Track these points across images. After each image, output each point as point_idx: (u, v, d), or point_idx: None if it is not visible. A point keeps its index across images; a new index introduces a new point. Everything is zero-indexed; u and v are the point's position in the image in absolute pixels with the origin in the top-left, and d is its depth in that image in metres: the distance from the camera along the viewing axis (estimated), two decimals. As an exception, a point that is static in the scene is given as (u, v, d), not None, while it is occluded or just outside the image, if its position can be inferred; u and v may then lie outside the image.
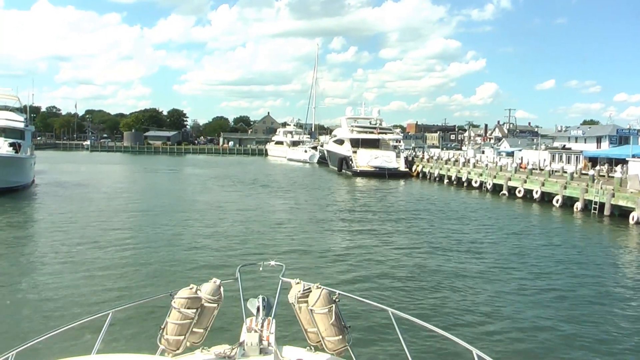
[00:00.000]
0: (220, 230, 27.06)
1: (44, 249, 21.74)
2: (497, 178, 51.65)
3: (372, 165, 68.93)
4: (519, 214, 38.71)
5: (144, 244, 22.91)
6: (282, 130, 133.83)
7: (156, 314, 10.05)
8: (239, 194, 45.23)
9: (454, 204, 42.51)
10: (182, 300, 3.81)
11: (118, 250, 21.39)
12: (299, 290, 3.95)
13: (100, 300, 14.70)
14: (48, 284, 16.52)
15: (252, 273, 5.28)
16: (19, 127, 41.27)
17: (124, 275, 17.77)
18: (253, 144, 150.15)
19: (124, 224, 27.93)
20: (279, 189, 51.12)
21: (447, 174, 62.26)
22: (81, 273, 17.89)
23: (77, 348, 7.01)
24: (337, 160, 76.71)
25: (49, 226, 26.98)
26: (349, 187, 57.31)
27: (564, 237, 28.87)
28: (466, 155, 79.50)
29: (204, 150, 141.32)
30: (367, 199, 44.88)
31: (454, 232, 28.54)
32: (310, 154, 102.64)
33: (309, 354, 3.91)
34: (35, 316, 13.72)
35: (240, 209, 35.35)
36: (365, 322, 12.62)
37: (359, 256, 21.94)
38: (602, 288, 18.36)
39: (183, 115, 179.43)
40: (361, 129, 79.26)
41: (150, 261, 19.74)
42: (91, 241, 23.00)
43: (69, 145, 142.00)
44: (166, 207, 34.85)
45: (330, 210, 36.26)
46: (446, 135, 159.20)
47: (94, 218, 28.93)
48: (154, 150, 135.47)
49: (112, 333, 9.34)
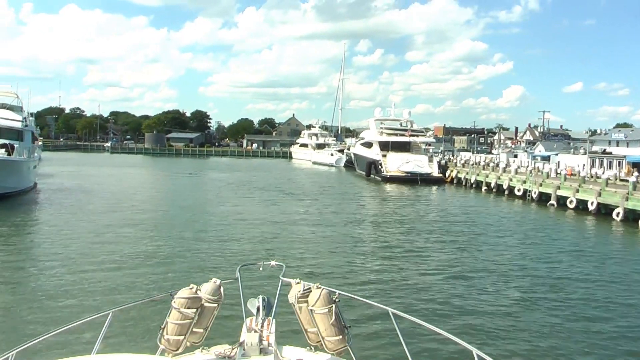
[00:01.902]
0: (235, 248, 23.02)
1: (24, 271, 18.16)
2: (543, 186, 46.52)
3: (403, 170, 63.95)
4: (575, 229, 33.58)
5: (152, 263, 19.48)
6: (306, 133, 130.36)
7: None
8: (261, 203, 40.50)
9: (496, 217, 37.48)
10: (182, 300, 3.78)
11: (113, 269, 18.19)
12: (299, 290, 3.92)
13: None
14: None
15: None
16: (15, 127, 37.40)
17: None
18: (277, 146, 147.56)
19: (119, 238, 23.54)
20: (305, 196, 46.33)
21: (485, 181, 57.08)
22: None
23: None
24: (365, 164, 71.88)
25: (34, 240, 23.52)
26: (378, 195, 52.45)
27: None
28: (498, 159, 74.81)
29: (226, 153, 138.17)
30: (399, 208, 40.00)
31: (502, 253, 23.77)
32: (337, 157, 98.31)
33: (309, 354, 3.90)
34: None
35: (260, 219, 31.09)
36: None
37: (391, 281, 18.25)
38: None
39: (206, 116, 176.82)
40: (391, 131, 74.20)
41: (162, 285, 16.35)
42: (85, 260, 19.20)
43: (90, 147, 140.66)
44: (180, 218, 30.59)
45: (360, 225, 31.55)
46: (475, 138, 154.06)
47: (88, 233, 24.56)
48: (175, 152, 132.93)
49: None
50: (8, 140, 35.30)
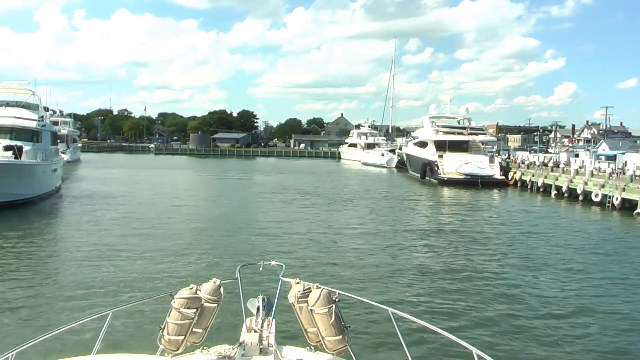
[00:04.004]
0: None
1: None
2: (627, 191, 40.23)
3: (461, 172, 58.30)
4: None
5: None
6: (355, 132, 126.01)
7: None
8: (307, 211, 35.47)
9: (577, 231, 31.12)
10: (182, 300, 3.79)
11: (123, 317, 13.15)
12: (299, 290, 3.95)
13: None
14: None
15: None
16: (28, 127, 33.67)
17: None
18: (325, 146, 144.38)
19: (133, 263, 19.05)
20: (355, 202, 41.36)
21: (554, 184, 50.90)
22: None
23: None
24: (419, 165, 66.38)
25: (39, 261, 19.42)
26: (436, 200, 47.14)
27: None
28: (558, 158, 68.64)
29: (273, 153, 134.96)
30: (463, 218, 34.62)
31: (601, 286, 18.11)
32: (388, 158, 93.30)
33: (309, 354, 3.94)
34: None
35: (304, 233, 26.39)
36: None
37: (464, 313, 14.62)
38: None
39: (253, 116, 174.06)
40: (447, 129, 68.36)
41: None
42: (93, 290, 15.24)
43: (134, 148, 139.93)
44: (220, 234, 26.15)
45: (420, 238, 26.33)
46: (530, 137, 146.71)
47: (90, 255, 20.22)
48: (220, 153, 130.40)
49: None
50: (20, 141, 31.69)
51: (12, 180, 28.76)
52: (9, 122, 32.61)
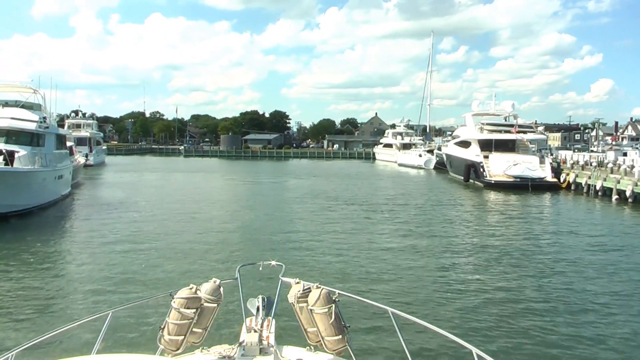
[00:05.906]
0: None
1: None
2: None
3: (510, 174, 53.11)
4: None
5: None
6: (390, 132, 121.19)
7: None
8: (341, 222, 31.22)
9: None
10: (182, 300, 3.73)
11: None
12: (298, 290, 3.89)
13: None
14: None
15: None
16: (27, 129, 30.12)
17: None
18: (359, 146, 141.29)
19: (130, 286, 15.29)
20: (393, 211, 36.92)
21: (616, 188, 45.44)
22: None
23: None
24: (462, 167, 61.04)
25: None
26: (484, 207, 42.43)
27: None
28: (604, 157, 62.87)
29: (306, 154, 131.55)
30: (519, 229, 29.97)
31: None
32: (426, 159, 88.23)
33: (308, 353, 3.90)
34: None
35: (338, 246, 22.32)
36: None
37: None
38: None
39: (285, 117, 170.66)
40: (493, 127, 63.06)
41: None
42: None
43: (165, 150, 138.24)
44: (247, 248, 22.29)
45: (469, 257, 21.86)
46: (570, 135, 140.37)
47: (80, 288, 16.41)
48: (251, 154, 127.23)
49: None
50: (18, 144, 28.29)
51: (2, 189, 25.10)
52: (5, 124, 29.21)
